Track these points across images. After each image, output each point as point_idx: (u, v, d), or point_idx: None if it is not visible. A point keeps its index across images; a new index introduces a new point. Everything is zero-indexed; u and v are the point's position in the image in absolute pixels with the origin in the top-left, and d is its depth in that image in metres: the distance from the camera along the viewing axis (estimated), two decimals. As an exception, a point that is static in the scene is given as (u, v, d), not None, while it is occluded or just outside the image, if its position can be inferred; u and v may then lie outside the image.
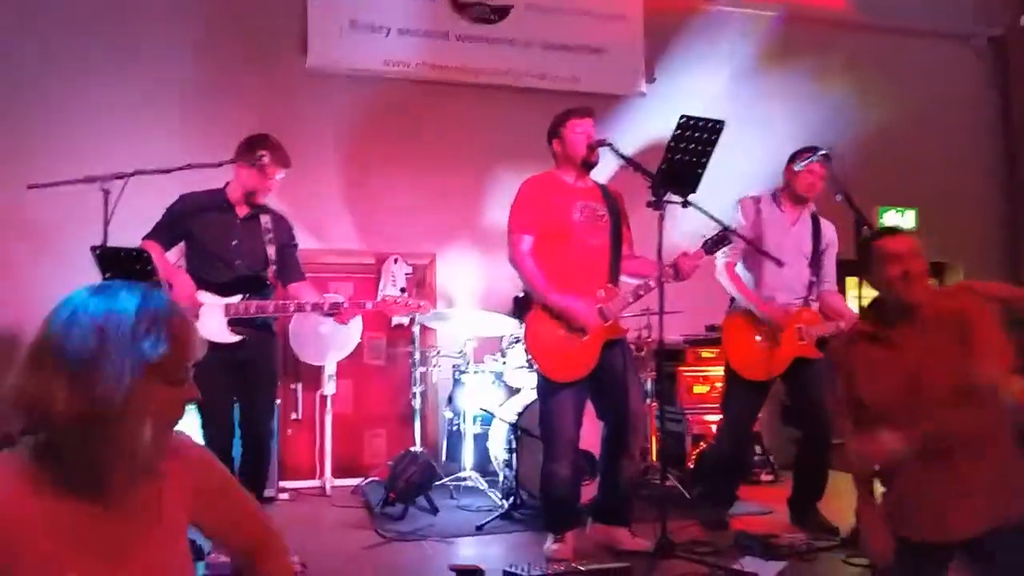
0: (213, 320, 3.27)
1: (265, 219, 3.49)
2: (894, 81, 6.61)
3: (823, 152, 3.65)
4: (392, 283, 5.60)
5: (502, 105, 5.84)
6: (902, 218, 6.51)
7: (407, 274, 5.74)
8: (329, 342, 4.90)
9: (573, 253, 3.34)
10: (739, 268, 3.90)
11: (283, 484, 4.93)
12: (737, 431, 3.95)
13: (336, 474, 5.09)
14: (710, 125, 3.15)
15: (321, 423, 5.15)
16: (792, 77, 6.43)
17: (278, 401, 4.75)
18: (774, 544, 3.42)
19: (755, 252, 3.68)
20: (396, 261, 5.71)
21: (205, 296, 3.33)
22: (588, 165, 3.44)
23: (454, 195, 5.76)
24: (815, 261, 3.89)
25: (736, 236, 3.45)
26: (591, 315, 3.27)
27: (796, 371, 3.78)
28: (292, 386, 5.36)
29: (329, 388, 5.07)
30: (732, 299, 3.93)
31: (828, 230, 3.96)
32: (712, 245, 3.39)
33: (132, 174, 3.10)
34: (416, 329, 5.04)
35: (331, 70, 5.51)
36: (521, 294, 3.49)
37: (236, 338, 3.29)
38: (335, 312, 3.44)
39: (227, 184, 3.48)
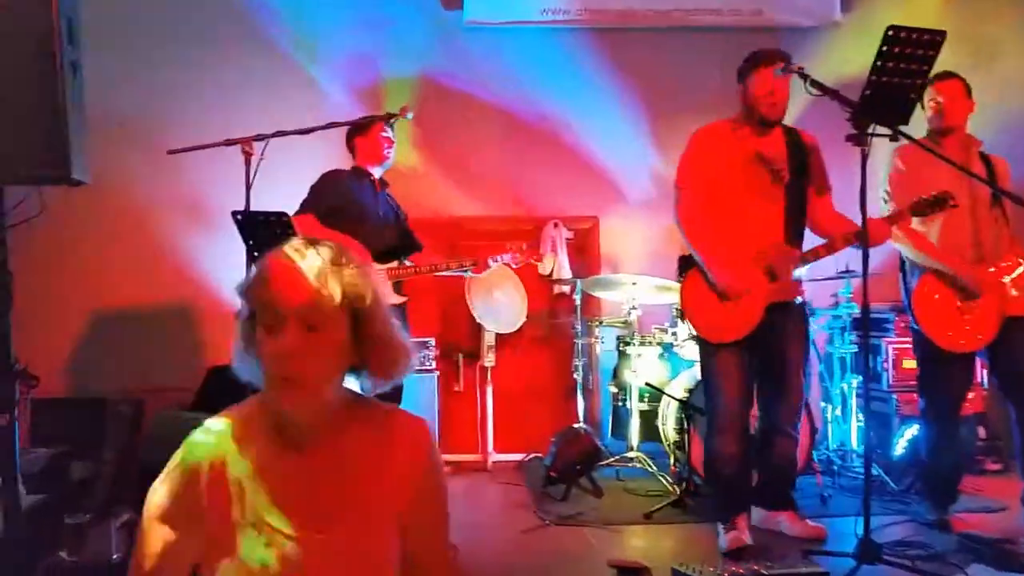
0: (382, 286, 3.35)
1: (389, 189, 3.68)
2: None
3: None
4: (551, 249, 5.33)
5: (672, 49, 5.32)
6: None
7: (568, 239, 5.46)
8: (506, 309, 4.71)
9: (743, 213, 3.06)
10: (915, 224, 3.22)
11: (444, 456, 4.80)
12: (944, 414, 3.32)
13: (498, 448, 4.90)
14: (926, 38, 2.53)
15: (482, 396, 4.96)
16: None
17: (437, 372, 4.68)
18: (1010, 551, 2.85)
19: (927, 205, 3.03)
20: (556, 225, 5.43)
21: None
22: (766, 124, 3.09)
23: (620, 153, 5.35)
24: (996, 204, 3.22)
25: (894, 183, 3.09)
26: (742, 280, 2.99)
27: (1004, 332, 3.16)
28: (453, 357, 5.22)
29: (489, 360, 4.87)
30: (904, 261, 3.32)
31: (1002, 164, 3.31)
32: (925, 207, 2.93)
33: (273, 135, 3.00)
34: (578, 297, 4.71)
35: (489, 23, 5.25)
36: (687, 253, 3.12)
37: (402, 299, 3.48)
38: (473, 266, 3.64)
39: (353, 166, 3.62)
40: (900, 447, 4.24)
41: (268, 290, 1.14)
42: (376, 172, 3.59)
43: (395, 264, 3.49)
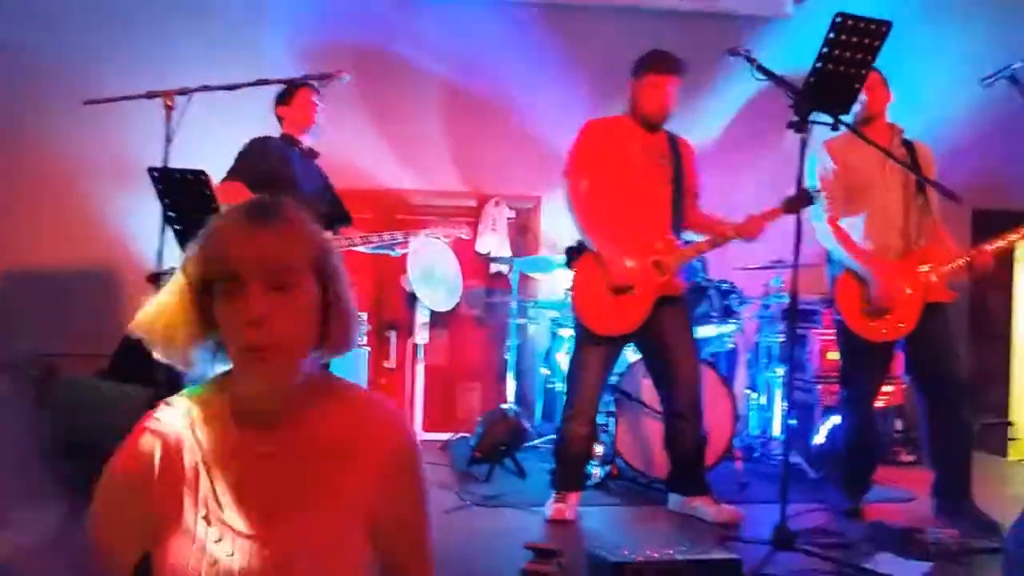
0: None
1: (317, 159, 3.53)
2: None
3: None
4: (492, 227, 5.26)
5: (625, 32, 5.24)
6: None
7: (509, 218, 5.39)
8: (443, 286, 4.60)
9: (632, 202, 3.17)
10: (842, 221, 3.28)
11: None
12: (862, 403, 3.38)
13: (427, 428, 4.83)
14: (872, 27, 2.52)
15: (412, 373, 4.88)
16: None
17: (367, 348, 4.57)
18: (917, 540, 2.87)
19: (854, 194, 3.19)
20: (497, 204, 5.36)
21: None
22: (651, 127, 3.21)
23: (566, 134, 5.24)
24: (920, 191, 3.24)
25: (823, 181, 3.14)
26: (625, 272, 3.06)
27: (922, 320, 3.19)
28: (386, 333, 5.12)
29: (421, 337, 4.77)
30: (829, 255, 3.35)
31: (924, 150, 3.33)
32: (793, 205, 2.91)
33: (196, 89, 2.84)
34: (514, 277, 4.65)
35: (435, -6, 5.11)
36: (575, 243, 3.14)
37: None
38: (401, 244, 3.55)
39: (281, 134, 3.47)
40: (821, 436, 4.32)
41: (226, 249, 1.02)
42: (305, 140, 3.44)
43: (329, 235, 3.40)
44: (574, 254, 3.22)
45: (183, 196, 2.64)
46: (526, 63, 5.21)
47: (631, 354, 4.13)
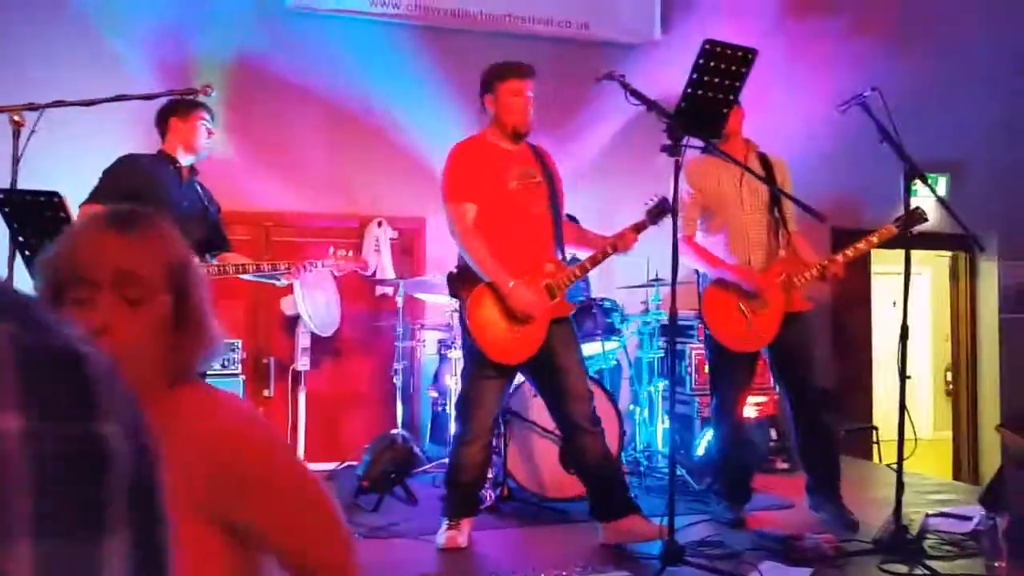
0: None
1: (199, 182, 3.32)
2: (931, 37, 6.10)
3: None
4: (375, 248, 5.15)
5: (502, 54, 5.25)
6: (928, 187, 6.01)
7: (392, 239, 5.30)
8: (324, 310, 4.43)
9: (514, 224, 3.05)
10: (699, 237, 3.46)
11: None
12: (730, 411, 3.52)
13: (310, 458, 4.62)
14: (740, 54, 2.64)
15: (294, 402, 4.68)
16: (825, 28, 5.89)
17: (242, 376, 4.35)
18: (797, 546, 2.98)
19: (712, 214, 3.39)
20: (380, 224, 5.26)
21: None
22: (519, 136, 3.13)
23: (447, 153, 5.25)
24: (775, 204, 3.44)
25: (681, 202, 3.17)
26: (538, 303, 3.00)
27: (784, 331, 3.36)
28: (264, 360, 4.90)
29: (302, 363, 4.59)
30: (698, 271, 3.50)
31: (779, 163, 3.53)
32: (656, 215, 3.11)
33: (48, 105, 2.61)
34: (400, 299, 4.56)
35: (313, 9, 4.99)
36: (456, 269, 3.07)
37: None
38: (286, 272, 3.29)
39: (160, 150, 3.24)
40: (701, 448, 4.47)
41: (77, 258, 0.99)
42: (184, 160, 3.23)
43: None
44: (459, 282, 3.08)
45: (34, 220, 2.42)
46: (405, 82, 5.18)
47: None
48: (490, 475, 3.82)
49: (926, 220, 3.17)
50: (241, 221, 4.78)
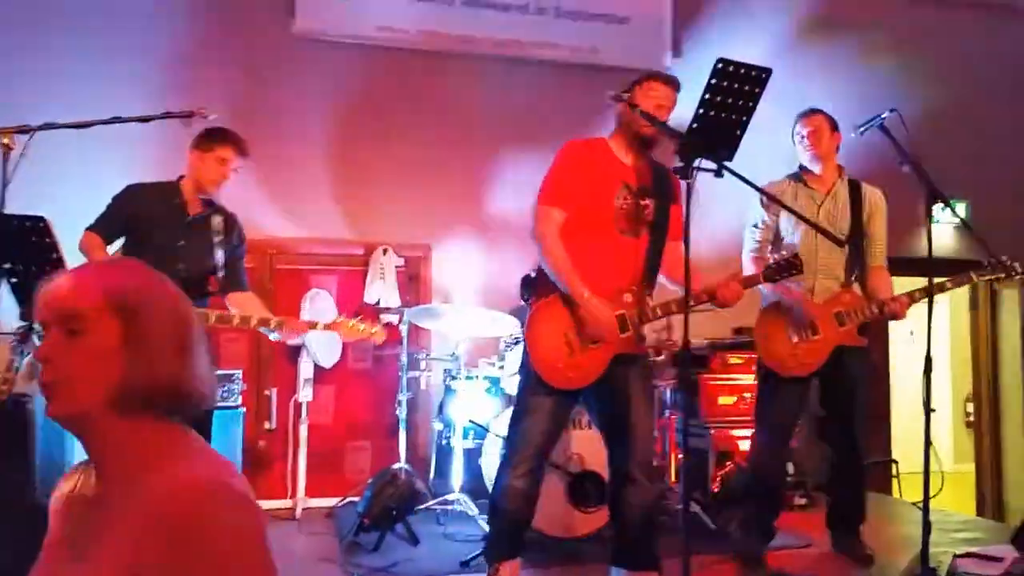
0: None
1: (217, 220, 3.07)
2: (945, 60, 6.02)
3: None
4: (381, 276, 5.06)
5: (511, 79, 5.28)
6: (951, 211, 5.87)
7: (398, 267, 5.20)
8: (326, 340, 4.33)
9: (605, 244, 2.77)
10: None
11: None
12: (777, 442, 3.41)
13: (312, 493, 4.50)
14: (753, 74, 2.53)
15: (295, 434, 4.56)
16: (835, 53, 5.83)
17: (243, 408, 4.23)
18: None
19: (779, 240, 3.38)
20: (386, 252, 5.17)
21: None
22: (645, 141, 2.84)
23: (454, 180, 5.19)
24: (856, 235, 3.38)
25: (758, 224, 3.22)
26: (612, 323, 2.69)
27: (834, 363, 3.29)
28: (266, 392, 4.78)
29: (305, 394, 4.47)
30: (763, 298, 3.47)
31: (872, 196, 3.46)
32: (775, 273, 2.84)
33: (39, 128, 2.53)
34: (404, 328, 4.45)
35: (320, 36, 4.96)
36: (533, 273, 2.86)
37: None
38: (279, 328, 3.00)
39: (180, 177, 3.09)
40: (716, 483, 4.30)
41: (36, 302, 1.11)
42: (199, 195, 3.05)
43: None
44: (533, 287, 2.89)
45: (19, 246, 2.33)
46: (414, 108, 5.12)
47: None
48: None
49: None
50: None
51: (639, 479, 2.77)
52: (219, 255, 3.01)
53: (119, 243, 3.01)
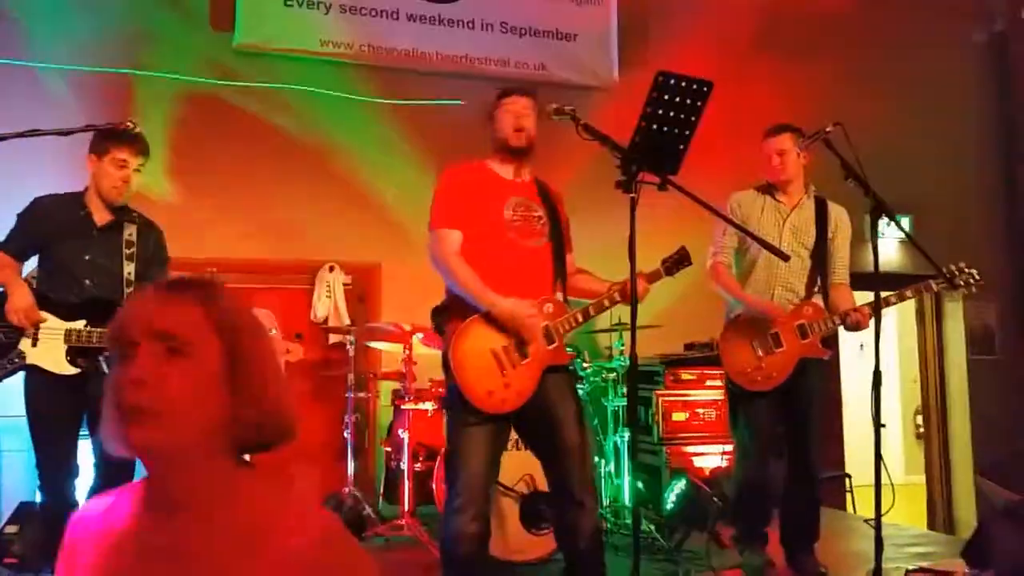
0: (52, 346, 2.71)
1: (130, 230, 2.87)
2: (890, 74, 6.15)
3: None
4: (327, 294, 4.93)
5: (459, 94, 5.21)
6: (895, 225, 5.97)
7: (345, 284, 5.09)
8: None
9: (508, 257, 2.70)
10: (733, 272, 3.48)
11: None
12: (754, 453, 3.38)
13: (255, 519, 4.33)
14: (694, 87, 2.51)
15: (238, 458, 4.38)
16: (782, 68, 5.90)
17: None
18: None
19: (748, 245, 3.36)
20: (332, 270, 5.05)
21: (49, 318, 2.72)
22: (514, 151, 2.79)
23: (403, 197, 5.10)
24: (819, 251, 3.39)
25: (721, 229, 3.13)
26: (537, 321, 2.64)
27: (795, 375, 3.29)
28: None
29: (247, 417, 4.31)
30: (728, 311, 3.45)
31: (838, 215, 3.48)
32: (673, 265, 2.85)
33: (-54, 140, 2.39)
34: (351, 348, 4.33)
35: (262, 49, 4.85)
36: (442, 303, 2.77)
37: (74, 370, 2.72)
38: None
39: (87, 188, 2.89)
40: (671, 501, 4.25)
41: (119, 318, 0.98)
42: (102, 205, 2.85)
43: (82, 324, 2.70)
44: (445, 314, 2.72)
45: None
46: (359, 123, 5.04)
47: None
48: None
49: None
50: (184, 266, 4.53)
51: (585, 502, 2.66)
52: (129, 269, 2.81)
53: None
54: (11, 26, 4.49)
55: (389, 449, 4.28)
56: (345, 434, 4.27)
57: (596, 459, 4.39)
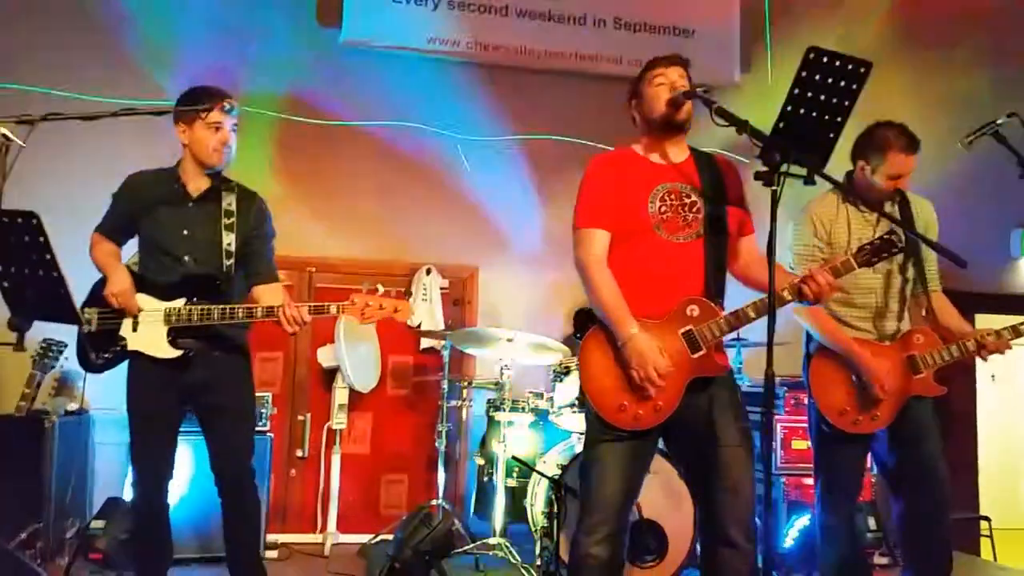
0: (153, 329, 2.56)
1: (228, 199, 2.67)
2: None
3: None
4: (424, 297, 4.77)
5: (569, 94, 5.00)
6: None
7: (442, 288, 4.91)
8: (364, 363, 4.05)
9: (653, 259, 2.36)
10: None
11: (276, 538, 4.06)
12: (841, 499, 2.89)
13: (343, 528, 4.19)
14: (850, 67, 2.17)
15: (327, 463, 4.26)
16: (916, 69, 5.40)
17: (271, 434, 3.95)
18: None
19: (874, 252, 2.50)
20: (429, 272, 4.89)
21: (145, 300, 2.58)
22: (671, 126, 2.42)
23: (506, 199, 4.91)
24: (912, 257, 2.84)
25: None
26: (656, 362, 2.26)
27: (904, 415, 2.75)
28: (299, 417, 4.51)
29: (339, 421, 4.18)
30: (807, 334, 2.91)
31: (924, 208, 2.92)
32: (873, 253, 2.33)
33: (42, 119, 2.32)
34: (446, 353, 4.14)
35: (368, 46, 4.75)
36: (587, 306, 2.46)
37: (176, 352, 2.55)
38: (279, 314, 2.51)
39: (179, 162, 2.72)
40: (790, 538, 3.84)
41: None
42: (198, 176, 2.66)
43: (182, 302, 2.55)
44: (587, 320, 2.47)
45: (8, 244, 2.09)
46: (465, 123, 4.88)
47: (576, 440, 3.64)
48: (538, 563, 3.31)
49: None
50: (283, 265, 4.46)
51: (739, 543, 2.27)
52: (230, 240, 2.63)
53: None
54: (123, 24, 4.56)
55: (482, 462, 4.05)
56: (437, 443, 4.07)
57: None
